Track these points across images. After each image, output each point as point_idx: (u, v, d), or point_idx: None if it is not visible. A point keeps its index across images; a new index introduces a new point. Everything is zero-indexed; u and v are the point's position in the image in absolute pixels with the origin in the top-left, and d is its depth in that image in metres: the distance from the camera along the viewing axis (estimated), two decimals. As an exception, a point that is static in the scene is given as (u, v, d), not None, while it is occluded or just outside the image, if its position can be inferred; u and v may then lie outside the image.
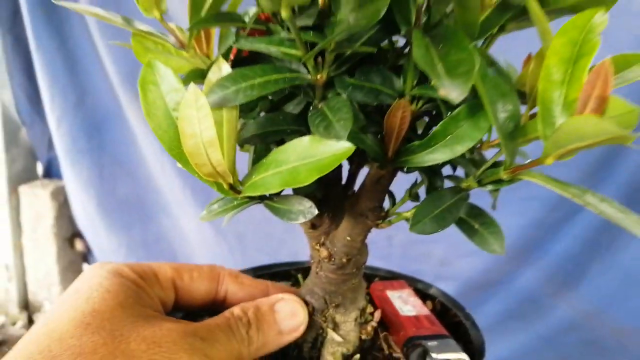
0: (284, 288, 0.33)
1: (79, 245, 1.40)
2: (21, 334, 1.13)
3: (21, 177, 1.38)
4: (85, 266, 1.45)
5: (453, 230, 0.90)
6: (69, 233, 1.40)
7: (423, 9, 0.22)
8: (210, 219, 0.26)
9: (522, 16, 0.25)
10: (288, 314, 0.30)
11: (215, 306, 0.32)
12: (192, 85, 0.21)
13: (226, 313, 0.28)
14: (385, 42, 0.27)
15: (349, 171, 0.33)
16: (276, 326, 0.29)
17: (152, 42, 0.29)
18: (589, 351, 0.96)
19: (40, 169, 1.43)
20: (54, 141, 1.30)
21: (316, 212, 0.25)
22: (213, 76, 0.23)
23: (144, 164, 1.20)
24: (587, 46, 0.21)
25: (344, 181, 0.33)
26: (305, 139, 0.22)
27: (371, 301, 0.37)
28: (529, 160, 0.24)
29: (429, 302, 0.38)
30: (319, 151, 0.22)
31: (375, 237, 1.00)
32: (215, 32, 0.30)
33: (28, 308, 1.43)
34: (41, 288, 1.40)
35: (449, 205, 0.25)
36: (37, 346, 0.23)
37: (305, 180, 0.22)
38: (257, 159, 0.25)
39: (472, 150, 0.26)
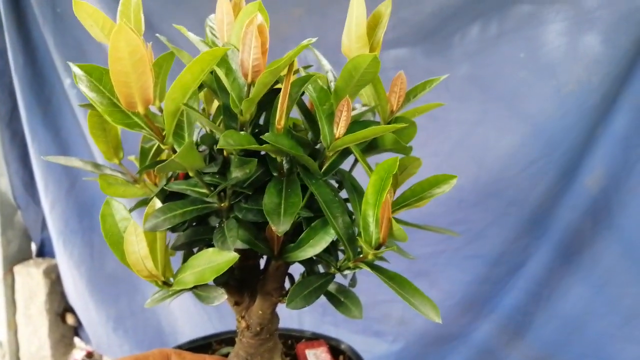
0: (217, 359, 0.43)
1: (70, 319, 1.48)
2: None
3: (16, 257, 1.48)
4: (76, 339, 1.53)
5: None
6: (61, 308, 1.48)
7: (284, 163, 0.35)
8: (153, 305, 0.37)
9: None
10: None
11: None
12: (132, 222, 0.33)
13: None
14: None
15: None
16: None
17: (113, 179, 0.41)
18: (543, 396, 1.04)
19: (34, 248, 1.53)
20: (48, 223, 1.41)
21: (225, 297, 0.36)
22: (149, 209, 0.35)
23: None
24: (386, 182, 0.33)
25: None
26: (210, 250, 0.34)
27: (295, 357, 0.48)
28: (361, 256, 0.35)
29: (341, 357, 0.49)
30: (217, 259, 0.33)
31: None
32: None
33: (20, 384, 1.48)
34: (33, 363, 1.46)
35: (316, 287, 0.36)
36: None
37: (209, 278, 0.33)
38: (185, 260, 0.37)
39: (327, 249, 0.38)
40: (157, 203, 0.35)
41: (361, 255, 0.35)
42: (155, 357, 0.40)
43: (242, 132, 0.31)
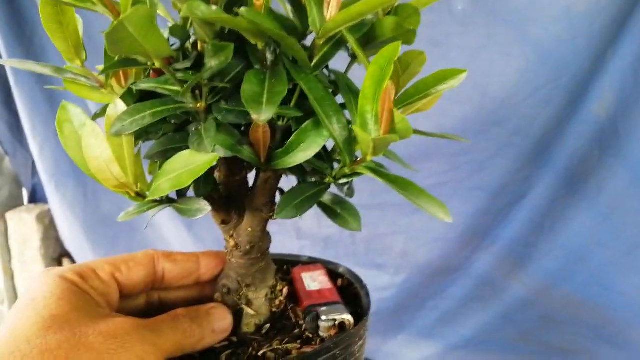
0: (211, 254, 0.40)
1: (66, 264, 1.46)
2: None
3: (7, 204, 1.45)
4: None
5: (411, 223, 0.97)
6: (57, 254, 1.46)
7: (268, 53, 0.30)
8: (126, 219, 0.33)
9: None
10: (219, 317, 0.36)
11: (155, 285, 0.38)
12: (88, 123, 0.28)
13: (171, 312, 0.34)
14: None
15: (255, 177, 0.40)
16: (210, 325, 0.35)
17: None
18: (546, 324, 1.04)
19: (25, 195, 1.50)
20: (38, 167, 1.37)
21: (209, 209, 0.32)
22: (111, 112, 0.30)
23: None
24: (387, 71, 0.29)
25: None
26: (186, 152, 0.30)
27: (291, 281, 0.45)
28: (359, 159, 0.31)
29: (339, 280, 0.46)
30: (195, 160, 0.29)
31: (341, 235, 1.09)
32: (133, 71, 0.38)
33: (22, 328, 1.49)
34: (33, 308, 1.46)
35: (308, 196, 0.32)
36: (7, 348, 0.27)
37: (187, 182, 0.29)
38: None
39: (319, 155, 0.33)
40: (119, 104, 0.30)
41: (359, 159, 0.31)
42: (139, 259, 0.36)
43: (213, 6, 0.26)
